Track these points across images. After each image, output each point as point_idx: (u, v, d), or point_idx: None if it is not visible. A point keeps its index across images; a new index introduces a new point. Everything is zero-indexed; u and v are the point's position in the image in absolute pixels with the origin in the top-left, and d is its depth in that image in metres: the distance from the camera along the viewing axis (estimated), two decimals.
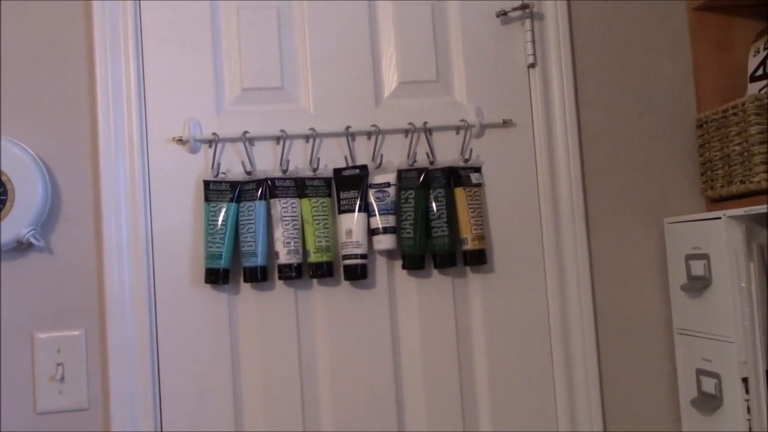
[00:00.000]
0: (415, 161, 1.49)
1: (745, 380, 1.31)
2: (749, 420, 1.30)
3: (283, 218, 1.41)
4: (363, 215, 1.43)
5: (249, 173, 1.45)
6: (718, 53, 1.57)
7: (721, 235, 1.34)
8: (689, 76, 1.60)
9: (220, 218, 1.40)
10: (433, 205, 1.46)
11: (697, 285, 1.41)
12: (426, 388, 1.48)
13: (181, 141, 1.44)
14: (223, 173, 1.44)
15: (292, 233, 1.41)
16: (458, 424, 1.48)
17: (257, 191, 1.42)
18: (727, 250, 1.33)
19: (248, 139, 1.46)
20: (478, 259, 1.46)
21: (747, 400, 1.31)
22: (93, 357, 1.39)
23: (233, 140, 1.46)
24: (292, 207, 1.42)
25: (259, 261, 1.40)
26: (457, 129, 1.52)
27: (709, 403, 1.40)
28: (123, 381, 1.38)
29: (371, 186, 1.45)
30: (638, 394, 1.53)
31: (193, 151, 1.45)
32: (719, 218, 1.34)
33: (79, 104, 1.42)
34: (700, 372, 1.44)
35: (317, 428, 1.45)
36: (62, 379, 1.37)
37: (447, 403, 1.49)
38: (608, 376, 1.53)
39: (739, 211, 1.30)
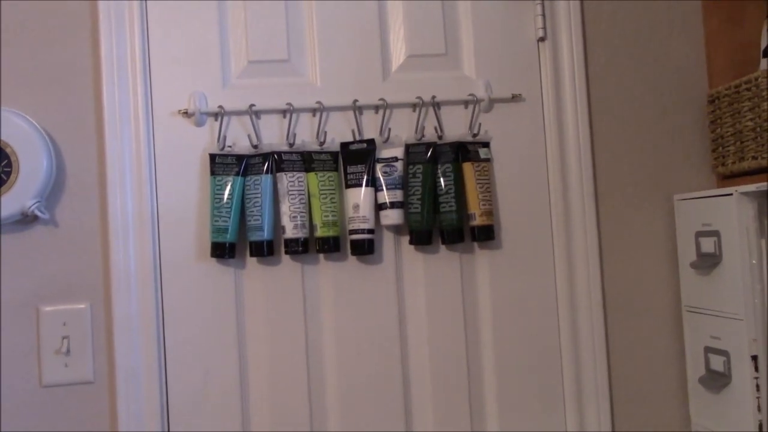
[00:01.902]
0: (423, 136, 1.48)
1: (754, 358, 1.30)
2: (758, 398, 1.30)
3: (290, 192, 1.40)
4: (370, 190, 1.42)
5: (255, 147, 1.43)
6: (730, 28, 1.55)
7: (732, 212, 1.33)
8: (701, 51, 1.58)
9: (226, 192, 1.39)
10: (441, 180, 1.45)
11: (707, 262, 1.40)
12: (432, 364, 1.48)
13: (186, 114, 1.43)
14: (229, 147, 1.43)
15: (299, 207, 1.40)
16: (464, 400, 1.48)
17: (263, 165, 1.41)
18: (738, 226, 1.31)
19: (254, 113, 1.44)
20: (486, 234, 1.45)
21: (756, 378, 1.30)
22: (98, 330, 1.39)
23: (239, 113, 1.44)
24: (299, 181, 1.41)
25: (266, 235, 1.39)
26: (466, 103, 1.50)
27: (717, 380, 1.39)
28: (128, 354, 1.37)
29: (379, 160, 1.44)
30: (646, 372, 1.53)
31: (199, 124, 1.43)
32: (731, 195, 1.33)
33: (84, 77, 1.41)
34: (708, 350, 1.43)
35: (323, 403, 1.45)
36: (68, 352, 1.37)
37: (453, 379, 1.48)
38: (616, 353, 1.52)
39: (752, 187, 1.29)
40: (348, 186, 1.43)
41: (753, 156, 1.37)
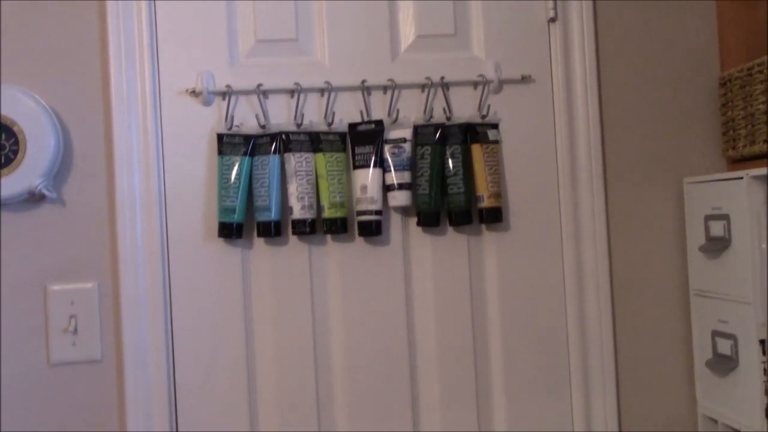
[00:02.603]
0: (431, 117, 1.47)
1: (762, 342, 1.30)
2: (765, 381, 1.30)
3: (297, 173, 1.40)
4: (378, 171, 1.42)
5: (263, 127, 1.43)
6: (743, 10, 1.53)
7: (742, 196, 1.32)
8: (713, 33, 1.56)
9: (234, 172, 1.39)
10: (450, 161, 1.44)
11: (716, 246, 1.39)
12: (439, 345, 1.48)
13: (194, 93, 1.42)
14: (237, 126, 1.42)
15: (306, 188, 1.40)
16: (471, 382, 1.48)
17: (271, 145, 1.40)
18: (749, 210, 1.31)
19: (262, 92, 1.44)
20: (494, 216, 1.45)
21: (763, 362, 1.30)
22: (106, 310, 1.39)
23: (247, 93, 1.43)
24: (306, 161, 1.41)
25: (273, 216, 1.39)
26: (475, 84, 1.49)
27: (724, 364, 1.39)
28: (136, 333, 1.38)
29: (387, 141, 1.43)
30: (652, 355, 1.53)
31: (207, 103, 1.43)
32: (741, 178, 1.32)
33: (91, 55, 1.40)
34: (715, 333, 1.42)
35: (329, 383, 1.46)
36: (75, 330, 1.37)
37: (460, 360, 1.48)
38: (622, 336, 1.52)
39: (762, 171, 1.28)
40: (356, 167, 1.42)
41: (764, 140, 1.36)
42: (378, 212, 1.41)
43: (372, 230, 1.41)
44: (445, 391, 1.48)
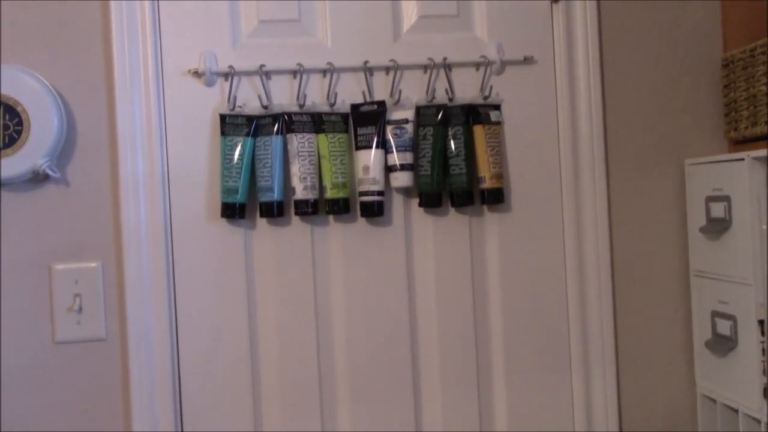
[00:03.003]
0: (433, 98, 1.47)
1: (761, 322, 1.31)
2: (763, 361, 1.31)
3: (300, 153, 1.40)
4: (380, 152, 1.42)
5: (265, 107, 1.43)
6: None
7: (743, 177, 1.32)
8: (716, 14, 1.56)
9: (237, 152, 1.39)
10: (452, 142, 1.44)
11: (717, 227, 1.40)
12: (440, 326, 1.49)
13: (196, 74, 1.42)
14: (240, 107, 1.43)
15: (309, 169, 1.40)
16: (471, 364, 1.49)
17: (274, 126, 1.40)
18: (750, 191, 1.31)
19: (265, 73, 1.44)
20: (496, 197, 1.45)
21: (762, 342, 1.31)
22: (110, 289, 1.40)
23: (249, 74, 1.44)
24: (309, 142, 1.41)
25: (276, 196, 1.40)
26: (477, 65, 1.49)
27: (723, 344, 1.40)
28: (139, 313, 1.39)
29: (389, 122, 1.44)
30: (652, 336, 1.54)
31: (209, 84, 1.43)
32: (742, 159, 1.32)
33: (94, 35, 1.40)
34: (715, 314, 1.43)
35: (331, 364, 1.47)
36: (80, 309, 1.38)
37: (461, 340, 1.49)
38: (623, 316, 1.53)
39: (764, 153, 1.28)
40: (358, 148, 1.43)
41: (766, 121, 1.36)
42: (380, 193, 1.42)
43: (374, 211, 1.42)
44: (446, 373, 1.49)
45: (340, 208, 1.41)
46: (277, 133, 1.40)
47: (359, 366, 1.47)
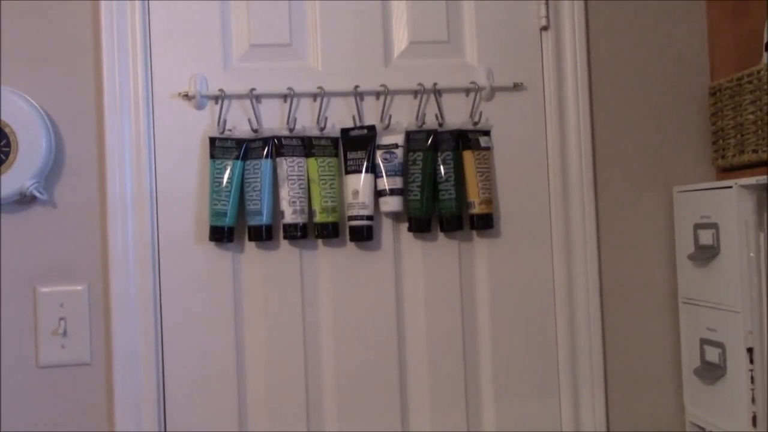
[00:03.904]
0: (423, 123, 1.47)
1: (750, 350, 1.31)
2: (752, 390, 1.30)
3: (289, 177, 1.40)
4: (370, 176, 1.42)
5: (255, 131, 1.43)
6: (733, 19, 1.54)
7: (731, 205, 1.33)
8: (703, 43, 1.57)
9: (226, 176, 1.39)
10: (441, 167, 1.44)
11: (705, 254, 1.40)
12: (429, 350, 1.48)
13: (187, 96, 1.42)
14: (230, 130, 1.43)
15: (298, 192, 1.40)
16: (460, 387, 1.49)
17: (263, 149, 1.40)
18: (737, 219, 1.32)
19: (255, 96, 1.44)
20: (485, 223, 1.45)
21: (751, 370, 1.31)
22: (96, 312, 1.38)
23: (240, 97, 1.44)
24: (299, 166, 1.41)
25: (265, 220, 1.39)
26: (467, 91, 1.50)
27: (712, 372, 1.40)
28: (125, 336, 1.37)
29: (379, 147, 1.44)
30: (641, 362, 1.53)
31: (199, 107, 1.43)
32: (730, 187, 1.33)
33: (84, 57, 1.40)
34: (704, 341, 1.43)
35: (319, 389, 1.45)
36: (65, 333, 1.36)
37: (450, 365, 1.48)
38: (611, 343, 1.52)
39: (751, 180, 1.29)
40: (348, 172, 1.43)
41: (753, 149, 1.37)
42: (369, 217, 1.41)
43: (363, 235, 1.42)
44: (434, 395, 1.48)
45: (329, 232, 1.41)
46: (266, 156, 1.40)
47: (347, 390, 1.46)
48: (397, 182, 1.43)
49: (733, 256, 1.33)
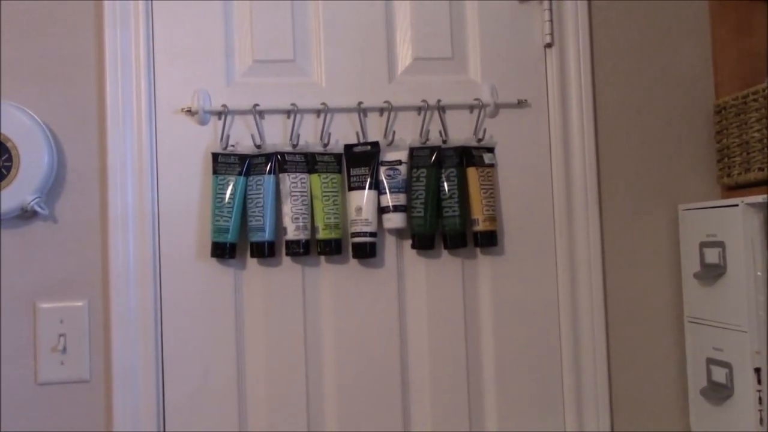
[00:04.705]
0: (427, 139, 1.47)
1: (757, 370, 1.29)
2: (760, 410, 1.29)
3: (292, 193, 1.39)
4: (373, 193, 1.41)
5: (258, 147, 1.42)
6: (738, 37, 1.54)
7: (737, 223, 1.32)
8: (708, 60, 1.57)
9: (228, 192, 1.38)
10: (445, 184, 1.44)
11: (711, 273, 1.39)
12: (432, 368, 1.47)
13: (190, 112, 1.41)
14: (232, 146, 1.42)
15: (301, 209, 1.39)
16: (464, 407, 1.47)
17: (266, 165, 1.40)
18: (744, 237, 1.31)
19: (258, 112, 1.43)
20: (489, 240, 1.44)
21: (759, 391, 1.29)
22: (96, 329, 1.37)
23: (243, 113, 1.43)
24: (302, 182, 1.40)
25: (267, 236, 1.38)
26: (471, 108, 1.50)
27: (719, 392, 1.38)
28: (126, 353, 1.36)
29: (382, 163, 1.43)
30: (646, 382, 1.52)
31: (202, 122, 1.42)
32: (737, 205, 1.32)
33: (86, 72, 1.39)
34: (710, 361, 1.42)
35: (320, 406, 1.44)
36: (64, 350, 1.35)
37: (453, 383, 1.47)
38: (616, 362, 1.51)
39: (758, 199, 1.28)
40: (351, 188, 1.42)
41: (759, 167, 1.36)
42: (372, 234, 1.40)
43: (366, 252, 1.40)
44: (437, 413, 1.46)
45: (332, 249, 1.40)
46: (269, 172, 1.39)
47: (349, 408, 1.44)
48: (401, 199, 1.42)
49: (740, 274, 1.32)
